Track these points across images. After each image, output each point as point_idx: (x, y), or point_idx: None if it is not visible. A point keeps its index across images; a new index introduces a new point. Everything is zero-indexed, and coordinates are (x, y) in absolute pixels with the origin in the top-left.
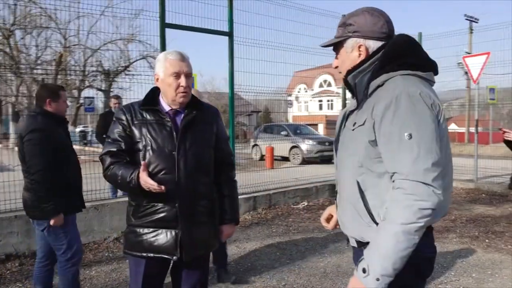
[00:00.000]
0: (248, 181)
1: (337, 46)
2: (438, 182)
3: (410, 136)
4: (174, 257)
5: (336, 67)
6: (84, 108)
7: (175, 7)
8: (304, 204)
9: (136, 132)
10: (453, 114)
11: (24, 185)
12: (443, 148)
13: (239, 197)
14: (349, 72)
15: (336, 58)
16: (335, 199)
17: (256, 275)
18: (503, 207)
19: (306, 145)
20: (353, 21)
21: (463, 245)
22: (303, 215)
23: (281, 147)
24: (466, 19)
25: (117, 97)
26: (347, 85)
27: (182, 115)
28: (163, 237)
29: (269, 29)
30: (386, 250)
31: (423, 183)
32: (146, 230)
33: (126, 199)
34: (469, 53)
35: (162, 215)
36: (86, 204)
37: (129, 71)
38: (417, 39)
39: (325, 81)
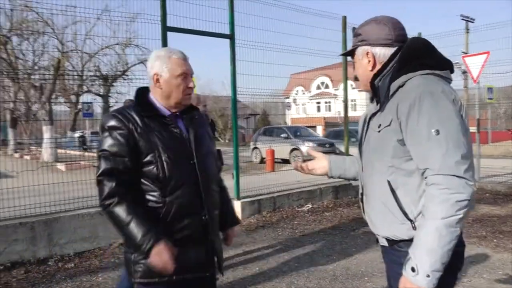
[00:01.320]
0: (251, 184)
1: (352, 55)
2: (469, 173)
3: (438, 132)
4: (208, 273)
5: (356, 75)
6: (82, 114)
7: (175, 10)
8: (308, 206)
9: (143, 142)
10: None
11: None
12: (468, 141)
13: (244, 200)
14: (375, 76)
15: (354, 66)
16: (360, 201)
17: (265, 279)
18: (508, 207)
19: (306, 147)
20: (361, 31)
21: (472, 246)
22: (308, 218)
23: (281, 150)
24: (462, 19)
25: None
26: (373, 88)
27: (180, 119)
28: (193, 254)
29: (266, 30)
30: (432, 246)
31: (456, 176)
32: None
33: None
34: (465, 53)
35: (190, 231)
36: (90, 210)
37: (127, 75)
38: None
39: (322, 83)
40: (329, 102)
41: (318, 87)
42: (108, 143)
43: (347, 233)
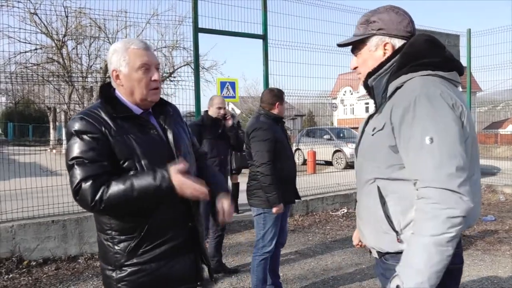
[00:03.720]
0: None
1: (357, 45)
2: (465, 187)
3: (432, 140)
4: (198, 284)
5: (356, 67)
6: None
7: (209, 11)
8: (343, 211)
9: (119, 147)
10: (511, 115)
11: (249, 175)
12: (468, 151)
13: None
14: (369, 74)
15: (356, 57)
16: (355, 209)
17: (287, 286)
18: None
19: (349, 149)
20: (377, 18)
21: None
22: (342, 223)
23: (324, 151)
24: None
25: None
26: (366, 88)
27: (154, 117)
28: (182, 265)
29: (309, 31)
30: (418, 266)
31: (448, 190)
32: (158, 264)
33: None
34: None
35: (177, 241)
36: None
37: (174, 77)
38: (465, 36)
39: None
40: None
41: None
42: (80, 148)
43: None
